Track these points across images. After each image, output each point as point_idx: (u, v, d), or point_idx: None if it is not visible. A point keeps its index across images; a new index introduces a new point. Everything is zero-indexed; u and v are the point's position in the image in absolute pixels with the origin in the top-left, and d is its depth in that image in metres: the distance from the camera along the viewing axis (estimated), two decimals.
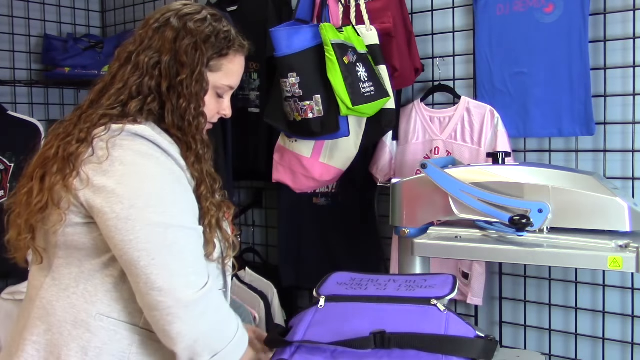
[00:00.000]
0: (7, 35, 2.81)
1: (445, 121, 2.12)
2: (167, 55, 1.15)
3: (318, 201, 2.38)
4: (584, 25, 1.91)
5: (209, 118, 1.25)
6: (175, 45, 1.16)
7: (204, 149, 1.19)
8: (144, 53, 1.16)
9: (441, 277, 1.35)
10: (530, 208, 1.46)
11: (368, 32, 2.01)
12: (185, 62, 1.15)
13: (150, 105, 1.15)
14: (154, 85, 1.15)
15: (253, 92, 2.42)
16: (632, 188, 1.93)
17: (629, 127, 1.93)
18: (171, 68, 1.15)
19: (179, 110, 1.15)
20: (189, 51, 1.15)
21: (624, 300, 1.97)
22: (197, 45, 1.16)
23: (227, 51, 1.21)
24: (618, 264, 1.37)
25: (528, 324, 2.14)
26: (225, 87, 1.24)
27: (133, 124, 1.11)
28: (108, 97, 1.15)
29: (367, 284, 1.34)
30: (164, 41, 1.16)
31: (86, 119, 1.12)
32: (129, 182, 1.05)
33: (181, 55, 1.15)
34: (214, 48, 1.19)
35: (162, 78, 1.15)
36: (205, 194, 1.16)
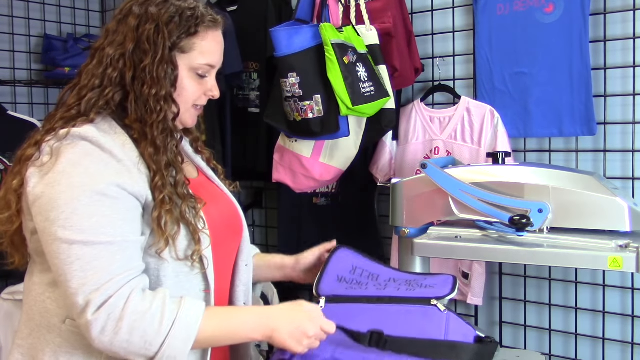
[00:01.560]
0: (7, 35, 2.81)
1: (445, 121, 2.12)
2: (130, 44, 1.12)
3: (318, 201, 2.38)
4: (584, 25, 1.91)
5: (194, 101, 1.20)
6: (138, 32, 1.12)
7: (164, 139, 1.13)
8: (109, 46, 1.13)
9: (441, 277, 1.34)
10: (530, 208, 1.45)
11: (368, 32, 2.01)
12: (148, 48, 1.11)
13: (107, 97, 1.11)
14: (116, 76, 1.11)
15: (253, 92, 2.42)
16: (632, 188, 1.93)
17: (629, 127, 1.93)
18: (135, 56, 1.11)
19: (142, 97, 1.11)
20: (150, 36, 1.11)
21: (624, 300, 1.97)
22: (159, 28, 1.12)
23: (195, 29, 1.15)
24: (618, 264, 1.36)
25: (528, 324, 2.14)
26: (204, 67, 1.18)
27: (83, 124, 1.08)
28: (72, 97, 1.13)
29: (367, 283, 1.33)
30: (127, 30, 1.13)
31: (47, 121, 1.12)
32: (51, 193, 1.02)
33: (143, 42, 1.11)
34: (179, 28, 1.14)
35: (126, 68, 1.11)
36: (160, 185, 1.09)
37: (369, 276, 1.34)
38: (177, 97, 1.16)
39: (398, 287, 1.29)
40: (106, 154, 1.06)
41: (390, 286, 1.31)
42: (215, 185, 1.32)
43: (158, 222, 1.07)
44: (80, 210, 1.01)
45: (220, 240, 1.21)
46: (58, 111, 1.13)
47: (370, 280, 1.34)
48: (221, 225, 1.22)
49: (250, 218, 2.77)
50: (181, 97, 1.17)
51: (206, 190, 1.26)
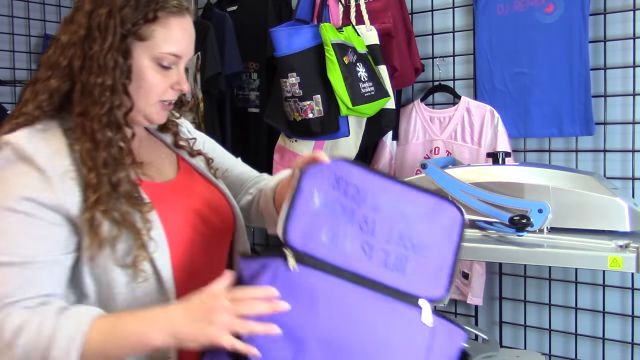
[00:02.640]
0: (7, 35, 2.81)
1: (445, 121, 2.12)
2: (83, 30, 1.03)
3: None
4: (584, 25, 1.91)
5: (159, 95, 1.08)
6: (91, 18, 1.03)
7: (106, 134, 1.02)
8: (64, 33, 1.05)
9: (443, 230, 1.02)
10: (530, 208, 1.46)
11: (368, 32, 2.01)
12: (97, 35, 1.02)
13: (51, 87, 1.03)
14: (65, 65, 1.03)
15: (253, 92, 2.42)
16: (632, 188, 1.93)
17: (629, 127, 1.93)
18: (85, 44, 1.02)
19: (88, 87, 1.02)
20: (102, 21, 1.02)
21: (624, 300, 1.97)
22: (111, 13, 1.02)
23: (154, 14, 1.04)
24: (618, 264, 1.36)
25: (528, 324, 2.14)
26: (168, 56, 1.06)
27: (19, 128, 1.01)
28: (28, 91, 1.06)
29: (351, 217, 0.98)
30: (82, 16, 1.04)
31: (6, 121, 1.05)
32: None
33: (94, 28, 1.02)
34: (135, 13, 1.03)
35: (75, 56, 1.03)
36: (95, 184, 0.99)
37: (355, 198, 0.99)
38: (137, 89, 1.05)
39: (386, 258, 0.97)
40: (26, 165, 0.98)
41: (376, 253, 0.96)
42: (202, 178, 1.22)
43: (90, 224, 0.98)
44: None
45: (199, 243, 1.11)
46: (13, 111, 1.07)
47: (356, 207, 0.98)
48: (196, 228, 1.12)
49: None
50: (143, 89, 1.06)
51: (182, 190, 1.16)
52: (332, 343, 0.90)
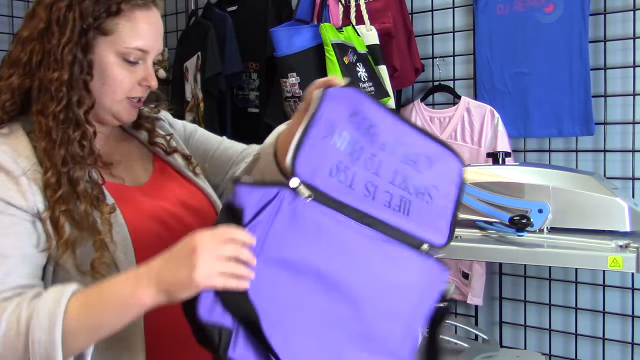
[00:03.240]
0: (7, 35, 2.81)
1: (445, 121, 2.12)
2: (42, 24, 0.99)
3: None
4: (584, 25, 1.91)
5: (126, 92, 1.04)
6: (51, 12, 0.99)
7: (64, 131, 0.98)
8: (25, 28, 1.01)
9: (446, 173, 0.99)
10: (530, 208, 1.46)
11: (368, 32, 2.01)
12: (55, 29, 0.98)
13: (12, 85, 0.99)
14: (25, 60, 0.99)
15: (253, 92, 2.42)
16: (632, 188, 1.93)
17: (629, 127, 1.93)
18: (45, 38, 0.99)
19: (44, 83, 0.98)
20: (61, 15, 0.98)
21: (624, 300, 1.97)
22: (71, 6, 0.98)
23: (117, 7, 1.00)
24: (618, 264, 1.36)
25: (528, 324, 2.14)
26: (134, 51, 1.02)
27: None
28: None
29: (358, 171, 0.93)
30: (42, 10, 1.00)
31: None
32: None
33: (53, 23, 0.99)
34: (97, 6, 0.99)
35: (35, 51, 0.99)
36: (53, 182, 0.95)
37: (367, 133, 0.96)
38: (102, 85, 1.02)
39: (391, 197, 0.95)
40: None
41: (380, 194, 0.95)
42: (180, 177, 1.17)
43: (54, 224, 0.94)
44: None
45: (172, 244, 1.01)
46: None
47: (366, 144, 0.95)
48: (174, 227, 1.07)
49: None
50: (108, 86, 1.02)
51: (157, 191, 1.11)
52: (329, 278, 0.89)
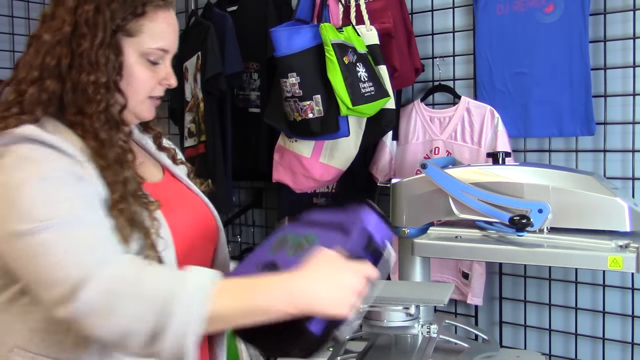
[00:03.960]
0: (7, 35, 2.81)
1: (445, 121, 2.12)
2: (68, 27, 0.99)
3: (318, 201, 2.38)
4: (584, 25, 1.91)
5: (148, 91, 1.07)
6: (76, 14, 0.99)
7: (109, 132, 1.01)
8: (45, 33, 1.00)
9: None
10: (530, 208, 1.45)
11: (368, 32, 2.01)
12: (85, 31, 0.99)
13: (49, 90, 0.99)
14: (54, 64, 0.99)
15: (253, 92, 2.43)
16: (632, 188, 1.93)
17: (629, 127, 1.93)
18: (73, 41, 0.99)
19: (80, 86, 0.99)
20: (90, 18, 0.99)
21: (624, 300, 1.97)
22: (99, 8, 1.00)
23: (142, 9, 1.02)
24: (618, 264, 1.37)
25: (528, 324, 2.14)
26: (156, 52, 1.05)
27: (22, 124, 0.96)
28: (11, 92, 1.00)
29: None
30: (65, 13, 1.00)
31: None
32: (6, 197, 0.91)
33: (82, 25, 0.99)
34: (124, 8, 1.01)
35: (63, 54, 0.99)
36: (112, 182, 0.97)
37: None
38: (127, 86, 1.03)
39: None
40: (55, 151, 0.94)
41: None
42: (184, 185, 1.20)
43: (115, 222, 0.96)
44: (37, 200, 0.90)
45: (190, 249, 1.08)
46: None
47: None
48: (190, 232, 1.10)
49: (250, 218, 2.77)
50: (132, 86, 1.04)
51: (172, 192, 1.14)
52: None
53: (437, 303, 1.40)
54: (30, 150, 0.93)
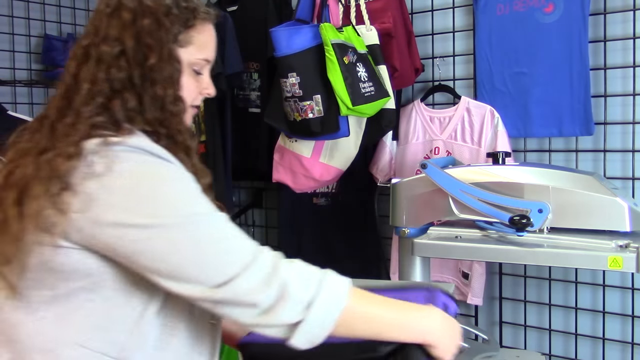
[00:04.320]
0: (7, 35, 2.81)
1: (445, 121, 2.12)
2: (130, 40, 1.01)
3: (318, 201, 2.38)
4: (584, 25, 1.91)
5: (191, 100, 1.10)
6: (136, 26, 1.02)
7: (191, 140, 1.06)
8: (103, 43, 1.01)
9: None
10: (530, 208, 1.45)
11: (368, 32, 2.01)
12: (151, 44, 1.02)
13: (130, 103, 1.01)
14: (124, 77, 1.01)
15: (253, 92, 2.43)
16: (632, 188, 1.93)
17: (629, 127, 1.93)
18: (137, 54, 1.01)
19: (157, 100, 1.02)
20: (152, 30, 1.02)
21: (624, 300, 1.97)
22: (159, 21, 1.03)
23: (193, 21, 1.07)
24: (618, 264, 1.36)
25: (528, 324, 2.14)
26: (201, 62, 1.09)
27: (129, 136, 0.97)
28: (83, 102, 1.00)
29: None
30: (122, 25, 1.02)
31: (68, 131, 0.97)
32: (138, 194, 0.93)
33: (144, 37, 1.01)
34: (178, 20, 1.05)
35: (131, 68, 1.01)
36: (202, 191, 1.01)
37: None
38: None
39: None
40: (164, 160, 0.97)
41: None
42: None
43: None
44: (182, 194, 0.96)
45: None
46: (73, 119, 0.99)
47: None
48: None
49: (250, 218, 2.77)
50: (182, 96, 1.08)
51: None
52: None
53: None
54: (150, 157, 0.96)
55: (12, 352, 0.97)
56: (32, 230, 0.93)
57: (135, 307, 0.98)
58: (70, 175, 0.92)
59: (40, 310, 0.97)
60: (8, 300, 0.99)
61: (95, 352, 0.97)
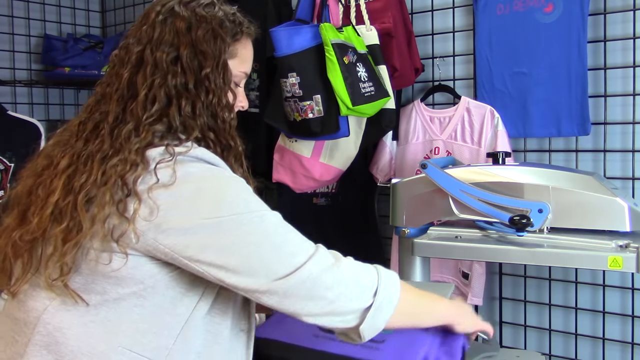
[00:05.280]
0: (7, 35, 2.81)
1: (445, 121, 2.12)
2: (185, 48, 1.04)
3: (318, 201, 2.38)
4: (583, 25, 1.91)
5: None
6: (191, 35, 1.05)
7: (243, 146, 1.12)
8: (158, 50, 1.04)
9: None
10: (530, 208, 1.45)
11: (368, 32, 2.01)
12: (207, 53, 1.05)
13: (185, 110, 1.03)
14: (179, 83, 1.03)
15: (253, 92, 2.42)
16: (632, 188, 1.93)
17: (629, 127, 1.93)
18: (192, 62, 1.04)
19: (210, 107, 1.05)
20: (208, 40, 1.05)
21: (624, 300, 1.97)
22: (215, 32, 1.06)
23: (240, 35, 1.12)
24: (618, 264, 1.36)
25: (528, 324, 2.14)
26: (241, 74, 1.15)
27: (188, 145, 1.01)
28: (141, 108, 1.02)
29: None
30: (177, 33, 1.05)
31: (129, 137, 0.99)
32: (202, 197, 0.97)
33: (200, 45, 1.05)
34: (229, 33, 1.09)
35: (185, 75, 1.04)
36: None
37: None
38: None
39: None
40: (222, 169, 1.03)
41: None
42: None
43: None
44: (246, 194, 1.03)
45: None
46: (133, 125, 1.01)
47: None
48: None
49: None
50: None
51: None
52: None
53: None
54: (209, 165, 1.01)
55: (58, 353, 0.98)
56: (96, 236, 0.95)
57: (181, 313, 1.01)
58: (136, 183, 0.95)
59: (89, 314, 0.98)
60: (53, 302, 1.00)
61: (142, 356, 0.99)
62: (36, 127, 2.55)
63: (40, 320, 1.00)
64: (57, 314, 0.99)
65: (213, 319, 1.05)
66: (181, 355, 1.01)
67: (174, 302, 1.01)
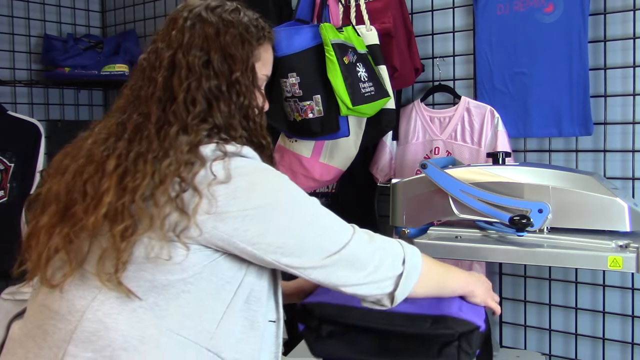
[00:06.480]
0: (7, 35, 2.81)
1: (445, 121, 2.12)
2: (215, 52, 1.08)
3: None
4: (584, 25, 1.91)
5: None
6: (220, 40, 1.09)
7: (273, 146, 1.18)
8: (189, 54, 1.08)
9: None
10: (530, 208, 1.46)
11: (368, 32, 2.01)
12: (236, 57, 1.09)
13: (223, 111, 1.09)
14: (213, 86, 1.08)
15: None
16: (632, 188, 1.93)
17: (629, 127, 1.93)
18: (222, 65, 1.09)
19: (242, 109, 1.11)
20: (236, 44, 1.10)
21: (624, 300, 1.97)
22: (242, 36, 1.11)
23: (263, 40, 1.16)
24: (618, 264, 1.37)
25: (528, 324, 2.14)
26: (263, 77, 1.19)
27: (234, 144, 1.07)
28: (183, 109, 1.06)
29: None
30: (206, 38, 1.09)
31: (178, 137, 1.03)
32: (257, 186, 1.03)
33: (229, 50, 1.09)
34: (254, 37, 1.13)
35: (218, 78, 1.08)
36: None
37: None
38: None
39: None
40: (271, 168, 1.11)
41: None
42: None
43: None
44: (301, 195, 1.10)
45: None
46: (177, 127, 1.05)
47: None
48: None
49: None
50: None
51: None
52: None
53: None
54: (256, 161, 1.09)
55: (107, 339, 1.00)
56: (154, 234, 0.99)
57: (224, 298, 1.06)
58: (195, 180, 1.00)
59: (136, 300, 1.02)
60: (99, 295, 1.03)
61: (189, 340, 1.03)
62: (36, 127, 2.55)
63: (90, 307, 1.02)
64: (107, 301, 1.02)
65: (250, 306, 1.10)
66: (223, 340, 1.06)
67: (218, 288, 1.05)
